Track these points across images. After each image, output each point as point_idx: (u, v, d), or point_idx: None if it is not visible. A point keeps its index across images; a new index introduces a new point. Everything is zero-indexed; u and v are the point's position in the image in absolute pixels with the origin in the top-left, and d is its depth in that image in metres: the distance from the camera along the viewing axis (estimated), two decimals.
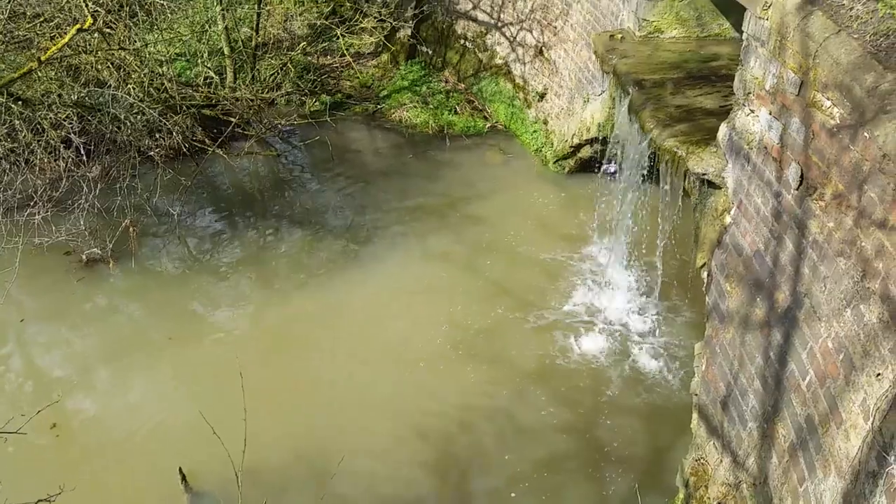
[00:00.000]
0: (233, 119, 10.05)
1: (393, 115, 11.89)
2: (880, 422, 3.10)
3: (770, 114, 4.46)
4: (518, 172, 10.40)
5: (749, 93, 4.78)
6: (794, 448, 3.89)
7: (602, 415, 6.66)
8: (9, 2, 7.88)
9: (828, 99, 3.80)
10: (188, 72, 11.53)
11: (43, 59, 6.96)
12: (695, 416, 5.30)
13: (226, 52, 10.89)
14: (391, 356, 7.28)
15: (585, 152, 9.57)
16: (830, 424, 3.55)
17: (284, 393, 6.87)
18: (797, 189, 4.08)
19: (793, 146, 4.16)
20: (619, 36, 7.46)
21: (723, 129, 5.09)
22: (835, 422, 3.51)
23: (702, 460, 5.06)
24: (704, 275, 5.35)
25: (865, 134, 3.43)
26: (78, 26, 6.79)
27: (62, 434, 6.52)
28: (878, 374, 3.20)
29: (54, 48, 6.86)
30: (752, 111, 4.72)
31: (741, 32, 4.94)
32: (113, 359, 7.33)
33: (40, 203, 8.09)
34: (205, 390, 6.91)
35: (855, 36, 3.78)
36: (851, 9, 3.96)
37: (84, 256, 8.41)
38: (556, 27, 10.16)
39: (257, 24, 11.20)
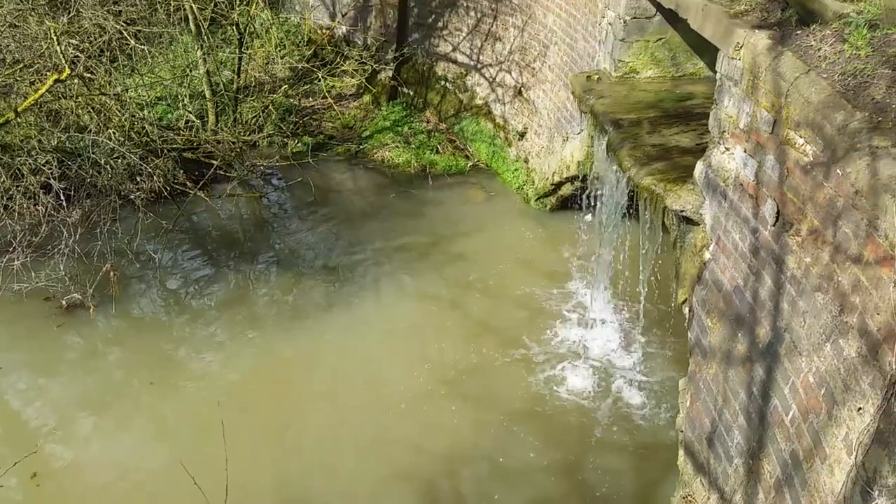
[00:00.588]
0: (215, 161, 10.08)
1: (375, 155, 11.98)
2: (863, 456, 3.11)
3: (745, 151, 4.54)
4: (500, 210, 10.48)
5: (724, 131, 4.87)
6: (780, 484, 3.88)
7: (590, 453, 6.61)
8: None
9: (800, 137, 3.88)
10: (169, 115, 11.58)
11: (20, 109, 6.97)
12: (681, 452, 5.29)
13: (207, 96, 10.96)
14: (375, 398, 7.21)
15: (566, 190, 9.67)
16: (815, 460, 3.55)
17: (267, 439, 6.77)
18: (774, 225, 4.13)
19: (768, 183, 4.23)
20: (596, 76, 7.59)
21: (699, 167, 5.17)
22: (819, 457, 3.52)
23: (689, 498, 5.03)
24: (686, 310, 5.38)
25: (838, 171, 3.49)
26: (55, 76, 6.81)
27: (43, 484, 6.37)
28: (860, 409, 3.22)
29: (31, 99, 6.88)
30: (728, 149, 4.80)
31: (715, 72, 5.05)
32: (94, 406, 7.21)
33: (19, 249, 8.00)
34: (187, 438, 6.80)
35: (824, 76, 3.87)
36: (819, 49, 4.07)
37: (64, 302, 8.31)
38: (534, 68, 10.33)
39: (239, 68, 11.30)
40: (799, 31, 4.33)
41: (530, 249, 9.56)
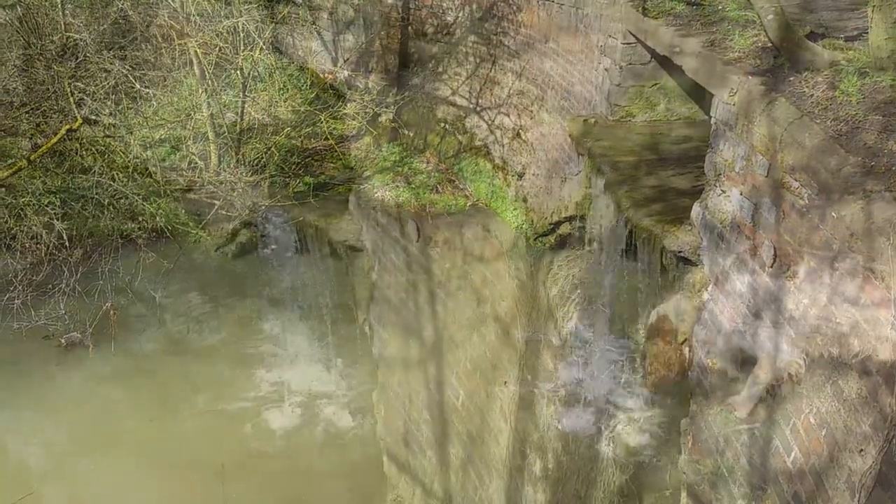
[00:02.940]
0: (216, 202, 10.14)
1: (376, 195, 12.06)
2: (866, 499, 3.11)
3: (741, 194, 4.60)
4: (499, 249, 10.51)
5: (720, 174, 4.94)
6: None
7: (591, 495, 6.55)
8: None
9: (796, 180, 3.95)
10: (172, 156, 11.68)
11: (32, 158, 7.07)
12: (684, 495, 5.25)
13: (210, 137, 11.08)
14: (367, 442, 7.17)
15: (565, 229, 9.72)
16: (818, 502, 3.54)
17: (264, 483, 6.71)
18: (771, 266, 4.18)
19: (765, 225, 4.29)
20: (593, 120, 7.71)
21: (696, 209, 5.23)
22: (821, 499, 3.51)
23: None
24: (686, 350, 5.39)
25: (833, 214, 3.56)
26: (67, 126, 6.93)
27: None
28: (862, 450, 3.22)
29: (44, 147, 6.99)
30: (724, 192, 4.87)
31: (709, 116, 5.15)
32: (92, 446, 7.17)
33: (20, 287, 8.03)
34: (186, 477, 6.74)
35: (817, 121, 3.96)
36: (811, 95, 4.17)
37: (63, 340, 8.31)
38: (532, 111, 10.48)
39: (242, 111, 11.45)
40: (791, 78, 4.43)
41: (529, 288, 9.58)
